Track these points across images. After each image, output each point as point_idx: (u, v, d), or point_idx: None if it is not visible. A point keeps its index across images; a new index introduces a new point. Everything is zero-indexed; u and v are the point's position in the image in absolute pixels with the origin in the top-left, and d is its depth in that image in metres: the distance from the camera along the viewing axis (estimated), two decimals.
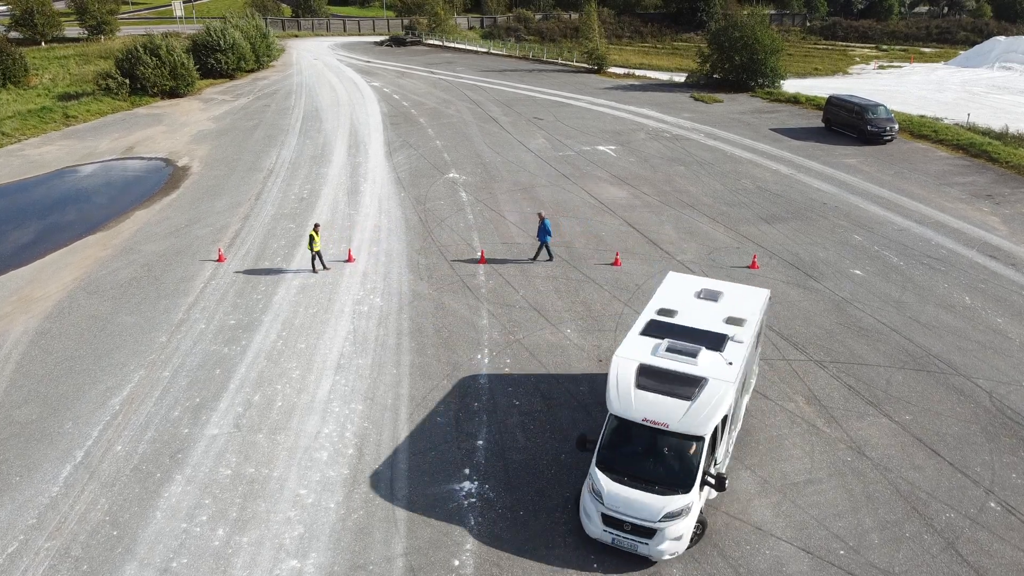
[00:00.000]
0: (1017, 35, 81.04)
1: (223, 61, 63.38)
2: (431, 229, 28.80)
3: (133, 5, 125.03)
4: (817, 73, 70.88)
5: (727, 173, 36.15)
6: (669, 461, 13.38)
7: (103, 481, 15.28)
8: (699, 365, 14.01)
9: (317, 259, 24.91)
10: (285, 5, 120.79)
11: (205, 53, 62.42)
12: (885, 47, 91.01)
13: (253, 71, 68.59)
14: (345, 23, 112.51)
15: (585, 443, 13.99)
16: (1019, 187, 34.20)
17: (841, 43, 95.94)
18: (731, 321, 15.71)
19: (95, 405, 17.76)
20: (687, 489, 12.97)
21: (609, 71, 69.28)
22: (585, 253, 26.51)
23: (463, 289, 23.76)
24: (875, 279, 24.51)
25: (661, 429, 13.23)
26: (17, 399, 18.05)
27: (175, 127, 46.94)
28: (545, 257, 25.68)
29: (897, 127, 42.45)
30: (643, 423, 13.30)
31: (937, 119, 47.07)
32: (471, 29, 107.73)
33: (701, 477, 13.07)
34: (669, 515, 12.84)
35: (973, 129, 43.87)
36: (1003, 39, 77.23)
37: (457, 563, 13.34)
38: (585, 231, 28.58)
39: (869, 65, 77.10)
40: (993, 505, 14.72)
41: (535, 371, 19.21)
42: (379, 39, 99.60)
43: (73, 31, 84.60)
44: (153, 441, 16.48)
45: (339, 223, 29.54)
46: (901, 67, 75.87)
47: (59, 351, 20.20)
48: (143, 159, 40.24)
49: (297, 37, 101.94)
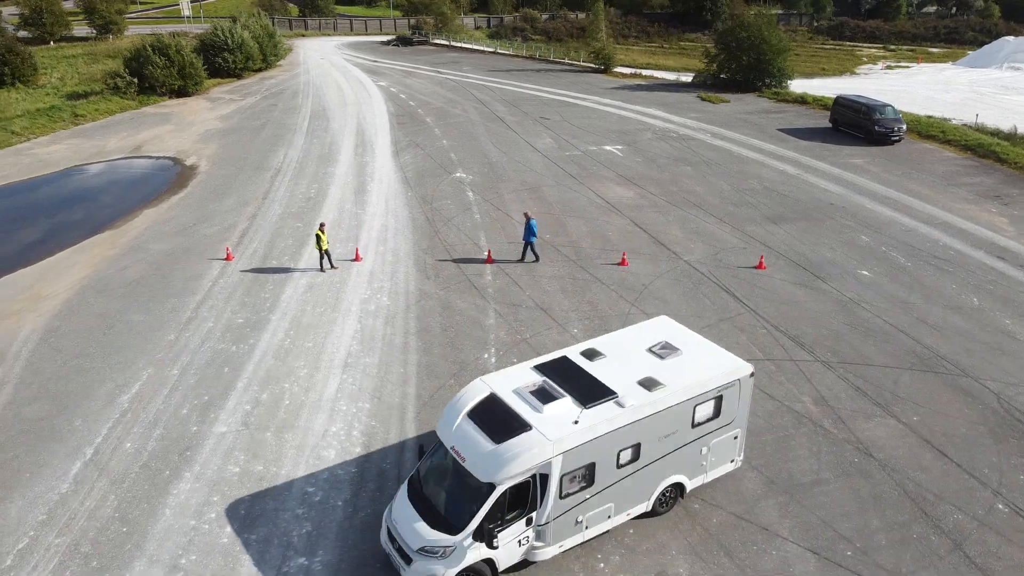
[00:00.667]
0: None
1: (231, 60, 63.54)
2: (438, 228, 28.86)
3: (141, 4, 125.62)
4: (824, 73, 70.65)
5: (734, 173, 36.10)
6: (454, 497, 12.60)
7: (112, 478, 15.38)
8: (541, 414, 12.67)
9: (325, 258, 24.99)
10: (292, 5, 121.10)
11: (213, 52, 62.60)
12: (893, 47, 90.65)
13: (260, 70, 68.74)
14: (352, 23, 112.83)
15: (422, 453, 13.74)
16: None
17: (848, 43, 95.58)
18: (646, 383, 13.49)
19: (104, 403, 17.88)
20: (455, 532, 12.05)
21: (615, 71, 69.16)
22: (592, 253, 26.52)
23: (470, 288, 23.81)
24: (882, 280, 24.46)
25: (459, 462, 12.50)
26: (27, 396, 18.18)
27: (183, 126, 47.10)
28: (531, 258, 25.66)
29: (905, 127, 42.29)
30: (451, 450, 12.72)
31: (945, 119, 46.88)
32: (477, 29, 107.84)
33: (478, 527, 11.91)
34: (425, 550, 12.09)
35: (981, 130, 43.69)
36: (1012, 39, 76.84)
37: None
38: (592, 231, 28.60)
39: (876, 65, 76.82)
40: (1001, 507, 14.70)
41: None
42: (386, 39, 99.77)
43: (81, 30, 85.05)
44: (162, 438, 16.58)
45: (346, 222, 29.62)
46: (909, 67, 75.57)
47: (68, 349, 20.32)
48: (151, 158, 40.40)
49: (304, 37, 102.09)
